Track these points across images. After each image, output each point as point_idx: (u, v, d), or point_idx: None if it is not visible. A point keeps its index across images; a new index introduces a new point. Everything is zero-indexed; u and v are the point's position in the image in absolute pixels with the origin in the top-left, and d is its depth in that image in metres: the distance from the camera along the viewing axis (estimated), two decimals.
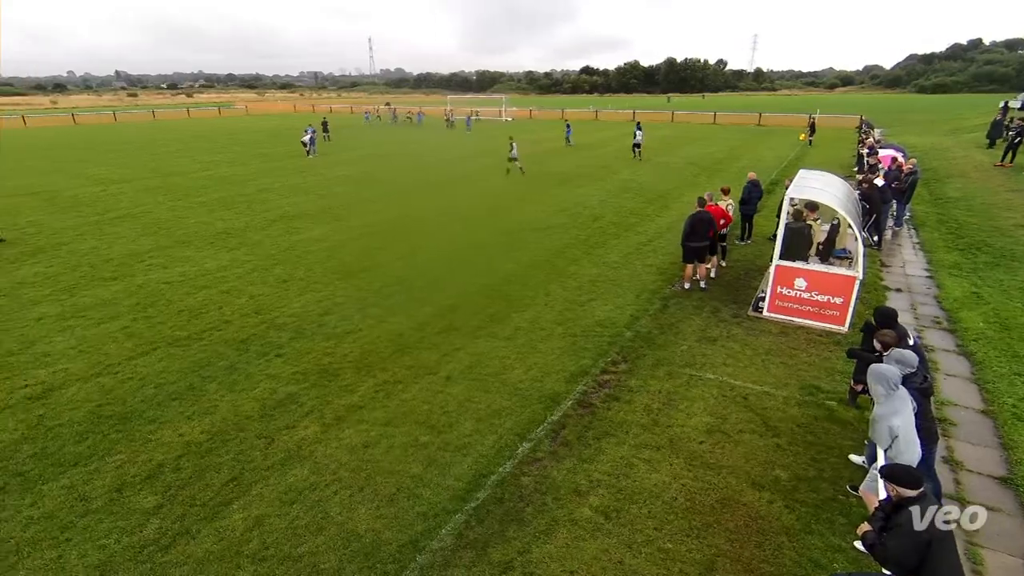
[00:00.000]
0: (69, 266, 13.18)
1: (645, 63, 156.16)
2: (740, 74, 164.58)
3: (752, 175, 13.91)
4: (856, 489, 5.63)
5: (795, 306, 9.64)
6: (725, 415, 7.15)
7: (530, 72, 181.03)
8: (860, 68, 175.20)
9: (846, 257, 11.05)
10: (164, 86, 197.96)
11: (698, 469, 6.17)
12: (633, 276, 12.10)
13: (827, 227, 11.66)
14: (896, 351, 5.18)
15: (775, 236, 10.10)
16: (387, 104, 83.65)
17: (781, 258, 9.51)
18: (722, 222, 11.49)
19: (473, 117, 56.35)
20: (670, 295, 10.96)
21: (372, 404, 7.44)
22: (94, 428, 6.98)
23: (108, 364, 8.53)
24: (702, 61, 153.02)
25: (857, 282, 9.04)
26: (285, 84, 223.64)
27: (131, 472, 6.19)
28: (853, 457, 6.26)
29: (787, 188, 10.81)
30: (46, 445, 6.67)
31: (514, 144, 25.36)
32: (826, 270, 9.49)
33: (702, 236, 10.65)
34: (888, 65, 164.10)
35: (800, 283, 9.49)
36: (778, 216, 12.84)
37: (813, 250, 10.46)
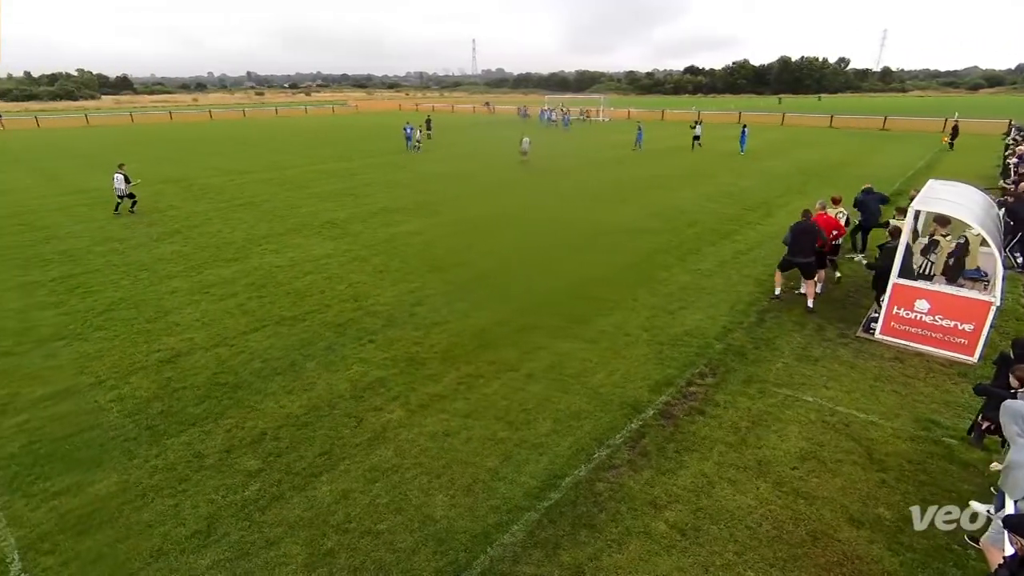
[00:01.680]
0: (199, 246, 14.73)
1: (755, 62, 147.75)
2: (864, 73, 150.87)
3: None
4: (976, 541, 4.99)
5: (914, 330, 8.71)
6: (823, 442, 6.62)
7: (631, 72, 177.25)
8: (1012, 67, 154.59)
9: (980, 279, 9.83)
10: (286, 85, 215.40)
11: (788, 496, 5.76)
12: (728, 286, 11.52)
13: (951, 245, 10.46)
14: None
15: (883, 247, 9.27)
16: (486, 104, 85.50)
17: (888, 279, 8.63)
18: (834, 233, 10.64)
19: (570, 116, 55.95)
20: (767, 308, 10.31)
21: (454, 395, 7.66)
22: (210, 393, 7.76)
23: (225, 337, 9.44)
24: (820, 60, 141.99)
25: (993, 308, 8.02)
26: (392, 84, 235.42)
27: (238, 436, 6.82)
28: (975, 505, 5.54)
29: (912, 200, 9.80)
30: (171, 404, 7.51)
31: (526, 139, 29.55)
32: (955, 292, 8.49)
33: (806, 250, 9.86)
34: None
35: (922, 305, 8.57)
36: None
37: (937, 269, 9.42)
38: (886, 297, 8.88)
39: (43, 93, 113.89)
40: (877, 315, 9.20)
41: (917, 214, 9.12)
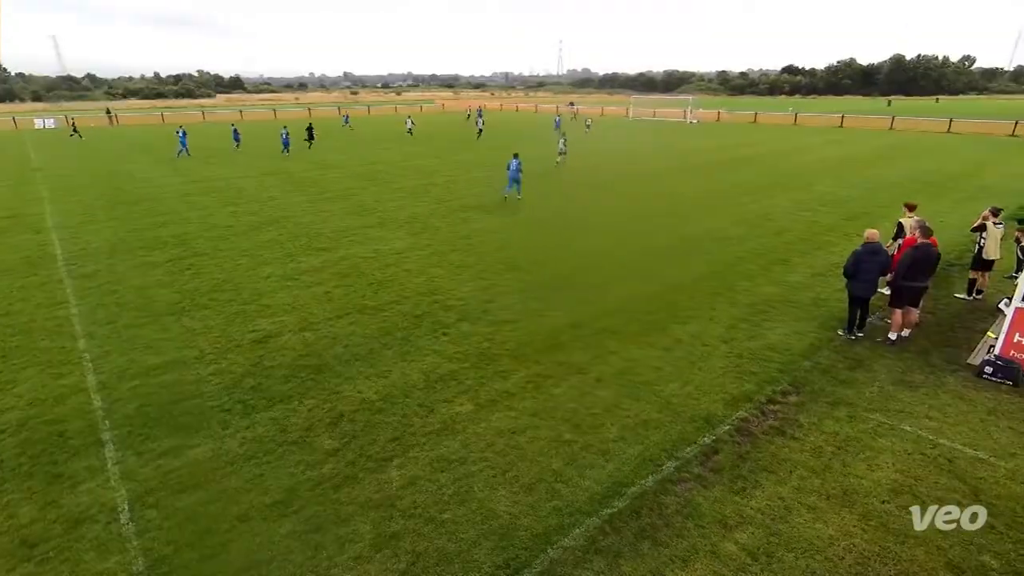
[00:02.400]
0: (293, 235, 15.75)
1: (863, 60, 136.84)
2: (992, 73, 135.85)
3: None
4: None
5: None
6: (920, 476, 6.03)
7: (723, 72, 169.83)
8: None
9: None
10: (379, 85, 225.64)
11: (876, 531, 5.30)
12: (818, 300, 10.77)
13: None
14: None
15: (1015, 276, 8.23)
16: (571, 104, 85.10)
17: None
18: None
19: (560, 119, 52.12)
20: (867, 331, 9.49)
21: (523, 393, 7.71)
22: (296, 374, 8.28)
23: (312, 321, 10.03)
24: (940, 58, 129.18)
25: None
26: (478, 84, 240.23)
27: (318, 416, 7.23)
28: None
29: None
30: (261, 381, 8.09)
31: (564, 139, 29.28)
32: None
33: (926, 274, 8.81)
34: None
35: None
36: (1019, 250, 10.49)
37: None
38: (1007, 323, 7.95)
39: (168, 92, 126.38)
40: (994, 343, 8.25)
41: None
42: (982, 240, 10.43)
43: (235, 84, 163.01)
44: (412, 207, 19.24)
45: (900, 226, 10.55)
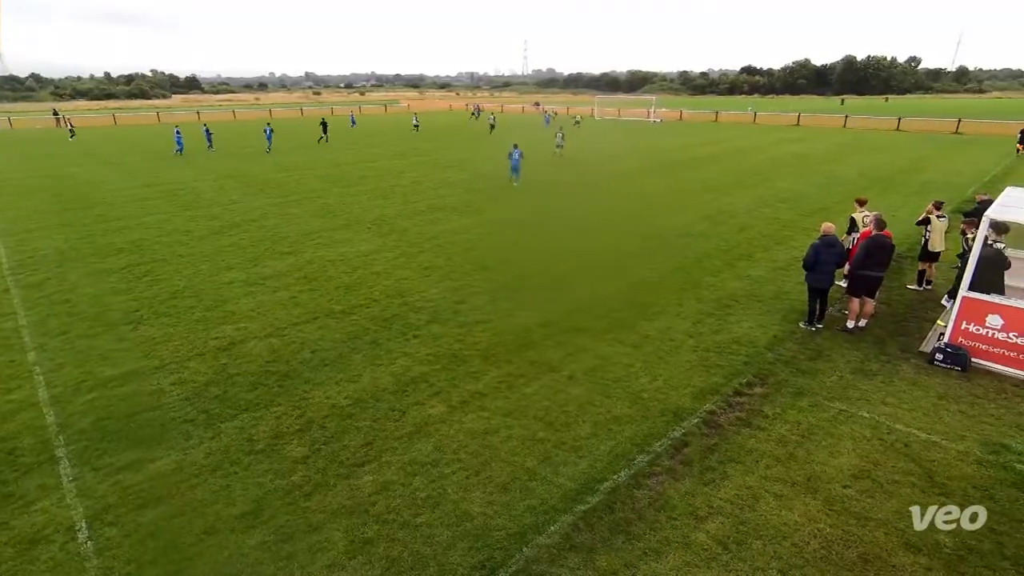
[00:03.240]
0: (256, 239, 15.37)
1: (817, 61, 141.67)
2: (937, 73, 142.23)
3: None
4: None
5: (985, 347, 8.16)
6: (878, 461, 6.28)
7: (684, 72, 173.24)
8: None
9: None
10: (342, 85, 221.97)
11: (839, 515, 5.50)
12: (780, 294, 11.10)
13: (1023, 255, 9.76)
14: None
15: (960, 256, 8.68)
16: (536, 104, 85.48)
17: (971, 288, 8.10)
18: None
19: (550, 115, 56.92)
20: (826, 321, 9.83)
21: (495, 393, 7.70)
22: (262, 381, 8.08)
23: (278, 327, 9.81)
24: (888, 59, 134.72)
25: None
26: (444, 84, 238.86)
27: (287, 423, 7.08)
28: None
29: (978, 204, 9.18)
30: (226, 389, 7.87)
31: (561, 133, 31.89)
32: None
33: (881, 265, 9.16)
34: None
35: (994, 321, 8.01)
36: (964, 241, 11.03)
37: None
38: (955, 311, 8.35)
39: (120, 92, 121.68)
40: (943, 330, 8.65)
41: (992, 223, 8.51)
42: (927, 233, 10.95)
43: (191, 84, 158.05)
44: (379, 208, 19.01)
45: (852, 221, 10.98)
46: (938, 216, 10.86)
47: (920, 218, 11.21)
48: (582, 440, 6.68)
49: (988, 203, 9.59)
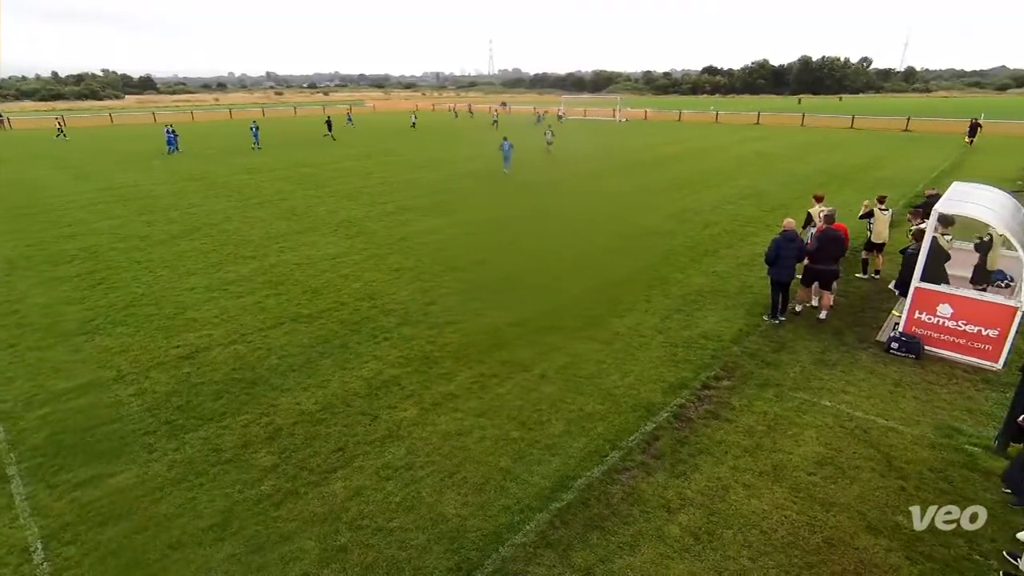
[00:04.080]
0: (218, 244, 14.95)
1: (775, 62, 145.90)
2: (887, 74, 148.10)
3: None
4: (1017, 560, 4.82)
5: (936, 335, 8.54)
6: (840, 447, 6.51)
7: (648, 71, 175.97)
8: None
9: (1006, 284, 9.62)
10: (305, 85, 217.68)
11: (804, 502, 5.68)
12: (744, 288, 11.39)
13: (969, 246, 10.26)
14: None
15: (906, 251, 9.09)
16: (503, 104, 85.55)
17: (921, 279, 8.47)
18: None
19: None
20: (788, 314, 10.14)
21: (467, 394, 7.68)
22: (228, 389, 7.87)
23: (243, 333, 9.56)
24: (842, 59, 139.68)
25: (1019, 313, 7.82)
26: (409, 84, 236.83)
27: (254, 432, 6.91)
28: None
29: (927, 198, 9.63)
30: (190, 399, 7.63)
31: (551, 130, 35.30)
32: (979, 297, 8.31)
33: (832, 258, 9.57)
34: None
35: (944, 310, 8.39)
36: (910, 233, 11.54)
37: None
38: (908, 301, 8.71)
39: (69, 93, 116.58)
40: (898, 320, 9.02)
41: (940, 217, 8.91)
42: (871, 225, 11.61)
43: (146, 84, 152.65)
44: (346, 210, 18.72)
45: (809, 216, 11.40)
46: (881, 209, 11.42)
47: (862, 212, 11.83)
48: (555, 438, 6.72)
49: (936, 197, 10.07)
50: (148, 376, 8.23)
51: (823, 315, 9.90)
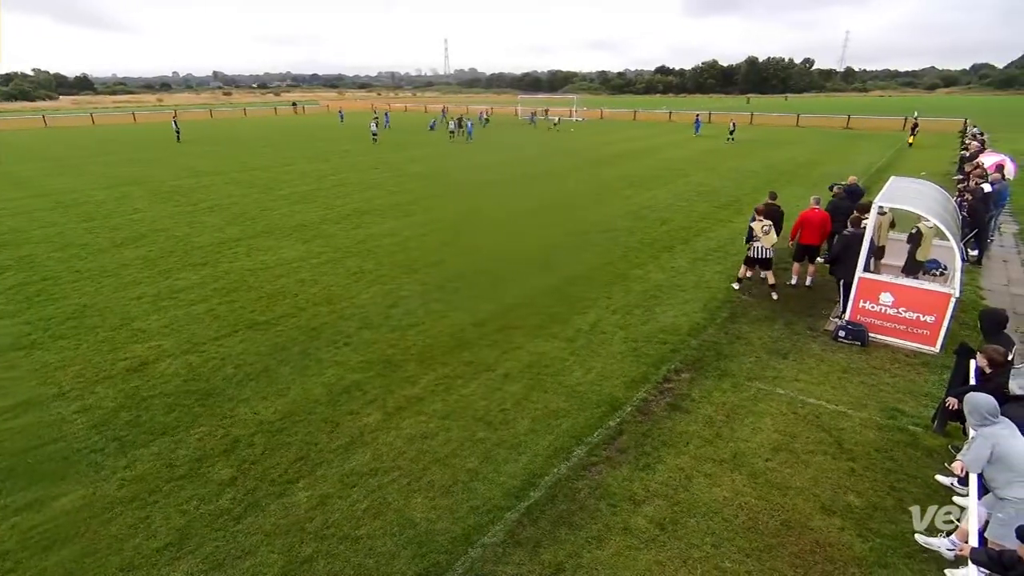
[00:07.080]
0: (165, 251, 14.33)
1: (724, 63, 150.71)
2: (828, 74, 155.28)
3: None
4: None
5: (879, 322, 8.99)
6: (794, 433, 6.78)
7: (603, 72, 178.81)
8: (967, 67, 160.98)
9: (940, 272, 10.21)
10: (255, 86, 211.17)
11: (762, 488, 5.89)
12: (700, 283, 11.71)
13: (903, 236, 10.85)
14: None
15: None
16: (489, 108, 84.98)
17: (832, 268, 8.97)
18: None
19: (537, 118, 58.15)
20: (737, 303, 10.51)
21: (432, 397, 7.62)
22: (181, 401, 7.56)
23: (195, 343, 9.20)
24: (786, 60, 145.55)
25: (953, 300, 8.32)
26: (364, 84, 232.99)
27: (210, 445, 6.66)
28: (941, 478, 5.77)
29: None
30: (140, 414, 7.29)
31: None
32: (917, 285, 8.80)
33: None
34: (1002, 64, 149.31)
35: (886, 298, 8.84)
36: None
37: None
38: (852, 291, 9.13)
39: None
40: (844, 309, 9.45)
41: (880, 209, 9.40)
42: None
43: (82, 84, 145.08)
44: (301, 213, 18.26)
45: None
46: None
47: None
48: (521, 437, 6.74)
49: (848, 191, 10.94)
50: (93, 391, 7.82)
51: (775, 296, 10.80)
